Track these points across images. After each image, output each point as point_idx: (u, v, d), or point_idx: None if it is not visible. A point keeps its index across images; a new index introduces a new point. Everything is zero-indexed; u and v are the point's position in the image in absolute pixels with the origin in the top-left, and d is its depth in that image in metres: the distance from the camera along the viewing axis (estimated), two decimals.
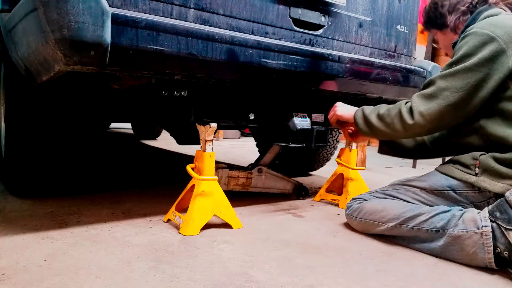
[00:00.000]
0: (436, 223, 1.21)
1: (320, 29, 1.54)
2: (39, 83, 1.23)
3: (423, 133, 1.36)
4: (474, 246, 1.13)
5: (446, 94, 1.22)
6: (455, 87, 1.21)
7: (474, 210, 1.20)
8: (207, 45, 1.19)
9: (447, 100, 1.21)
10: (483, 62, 1.18)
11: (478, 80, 1.19)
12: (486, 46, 1.19)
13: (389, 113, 1.35)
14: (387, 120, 1.35)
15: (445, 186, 1.30)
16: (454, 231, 1.17)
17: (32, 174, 1.62)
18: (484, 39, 1.19)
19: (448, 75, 1.23)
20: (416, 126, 1.28)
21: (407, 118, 1.29)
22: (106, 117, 2.16)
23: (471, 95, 1.20)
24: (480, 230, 1.12)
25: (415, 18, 1.87)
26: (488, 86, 1.19)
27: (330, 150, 2.62)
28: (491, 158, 1.21)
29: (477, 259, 1.13)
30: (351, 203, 1.47)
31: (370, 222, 1.37)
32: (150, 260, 1.10)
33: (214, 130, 1.42)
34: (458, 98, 1.20)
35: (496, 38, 1.18)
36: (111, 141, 4.69)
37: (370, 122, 1.40)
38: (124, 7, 1.09)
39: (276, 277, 1.03)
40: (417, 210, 1.27)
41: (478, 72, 1.19)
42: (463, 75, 1.20)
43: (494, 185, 1.20)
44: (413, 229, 1.26)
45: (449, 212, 1.22)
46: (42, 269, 1.00)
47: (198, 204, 1.35)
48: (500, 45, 1.18)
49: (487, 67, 1.18)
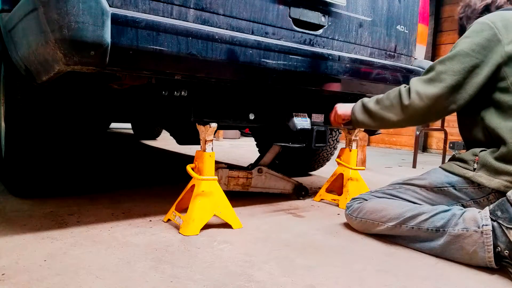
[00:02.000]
0: (436, 222, 1.21)
1: (320, 29, 1.54)
2: (39, 83, 1.23)
3: (418, 119, 1.34)
4: (474, 245, 1.13)
5: (443, 77, 1.25)
6: (453, 70, 1.24)
7: (474, 209, 1.20)
8: (207, 45, 1.19)
9: (444, 82, 1.25)
10: (479, 49, 1.23)
11: (474, 66, 1.23)
12: (483, 33, 1.24)
13: (388, 96, 1.39)
14: (385, 102, 1.38)
15: (445, 183, 1.31)
16: (454, 230, 1.17)
17: (32, 174, 1.62)
18: (483, 27, 1.25)
19: (446, 59, 1.27)
20: (411, 108, 1.29)
21: (405, 97, 1.31)
22: (106, 117, 2.16)
23: (466, 80, 1.24)
24: (480, 229, 1.12)
25: (415, 18, 1.87)
26: (482, 73, 1.23)
27: (330, 150, 2.62)
28: (490, 154, 1.23)
29: (477, 258, 1.13)
30: (351, 203, 1.47)
31: (370, 222, 1.37)
32: (150, 260, 1.10)
33: (214, 130, 1.42)
34: (454, 80, 1.24)
35: (493, 28, 1.24)
36: (111, 141, 4.69)
37: (368, 108, 1.44)
38: (124, 7, 1.09)
39: (276, 277, 1.03)
40: (417, 210, 1.27)
41: (474, 58, 1.23)
42: (460, 59, 1.24)
43: (491, 181, 1.22)
44: (413, 229, 1.26)
45: (449, 211, 1.22)
46: (42, 269, 1.00)
47: (198, 204, 1.35)
48: (495, 35, 1.23)
49: (482, 54, 1.23)
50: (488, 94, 1.26)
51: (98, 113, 1.85)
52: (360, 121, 1.49)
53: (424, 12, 1.91)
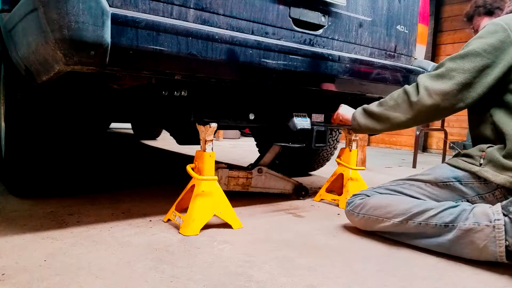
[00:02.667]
0: (445, 218, 1.19)
1: (320, 29, 1.54)
2: (39, 83, 1.23)
3: (425, 116, 1.32)
4: (485, 239, 1.11)
5: (453, 74, 1.25)
6: (463, 68, 1.24)
7: (484, 204, 1.19)
8: (207, 45, 1.19)
9: (454, 79, 1.25)
10: (491, 49, 1.23)
11: (485, 66, 1.23)
12: (496, 34, 1.24)
13: (391, 97, 1.38)
14: (389, 103, 1.38)
15: (451, 178, 1.30)
16: (465, 225, 1.15)
17: (32, 174, 1.62)
18: (497, 28, 1.25)
19: (457, 57, 1.27)
20: (420, 104, 1.29)
21: (412, 94, 1.31)
22: (106, 117, 2.16)
23: (475, 79, 1.24)
24: (492, 223, 1.11)
25: (415, 18, 1.87)
26: (493, 73, 1.23)
27: (330, 150, 2.62)
28: (497, 150, 1.23)
29: (488, 253, 1.11)
30: (353, 199, 1.44)
31: (374, 218, 1.34)
32: (150, 260, 1.10)
33: (214, 130, 1.42)
34: (464, 78, 1.24)
35: (507, 30, 1.24)
36: (111, 141, 4.69)
37: (371, 111, 1.43)
38: (124, 7, 1.09)
39: (276, 277, 1.03)
40: (425, 205, 1.25)
41: (486, 58, 1.23)
42: (471, 59, 1.24)
43: (496, 176, 1.21)
44: (420, 225, 1.23)
45: (458, 206, 1.21)
46: (42, 269, 1.00)
47: (198, 204, 1.35)
48: (509, 36, 1.24)
49: (494, 55, 1.23)
50: (499, 95, 1.27)
51: (98, 113, 1.85)
52: (363, 125, 1.47)
53: (424, 12, 1.91)
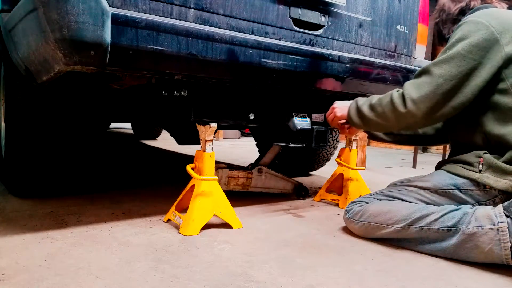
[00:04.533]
0: (448, 222, 1.18)
1: (320, 29, 1.54)
2: (39, 83, 1.23)
3: (415, 125, 1.32)
4: (490, 243, 1.10)
5: (440, 82, 1.20)
6: (450, 75, 1.19)
7: (486, 207, 1.18)
8: (207, 45, 1.19)
9: (441, 88, 1.19)
10: (476, 50, 1.18)
11: (472, 69, 1.18)
12: (479, 33, 1.19)
13: (380, 102, 1.32)
14: (378, 109, 1.32)
15: (450, 185, 1.27)
16: (468, 229, 1.14)
17: (32, 174, 1.62)
18: (478, 27, 1.20)
19: (442, 62, 1.21)
20: (409, 115, 1.24)
21: (399, 105, 1.25)
22: (106, 117, 2.16)
23: (464, 84, 1.19)
24: (496, 226, 1.10)
25: (415, 18, 1.87)
26: (481, 75, 1.19)
27: (330, 150, 2.62)
28: (495, 157, 1.21)
29: (493, 256, 1.11)
30: (351, 206, 1.42)
31: (375, 225, 1.31)
32: (150, 260, 1.10)
33: (214, 130, 1.42)
34: (451, 86, 1.19)
35: (490, 27, 1.19)
36: (111, 141, 4.69)
37: (363, 113, 1.38)
38: (124, 7, 1.09)
39: (276, 277, 1.03)
40: (426, 210, 1.23)
41: (472, 60, 1.18)
42: (457, 63, 1.19)
43: (498, 182, 1.19)
44: (422, 229, 1.22)
45: (459, 210, 1.19)
46: (42, 269, 1.00)
47: (198, 204, 1.35)
48: (493, 34, 1.19)
49: (480, 56, 1.18)
50: (485, 97, 1.22)
51: (98, 113, 1.85)
52: (358, 125, 1.43)
53: (424, 12, 1.91)
